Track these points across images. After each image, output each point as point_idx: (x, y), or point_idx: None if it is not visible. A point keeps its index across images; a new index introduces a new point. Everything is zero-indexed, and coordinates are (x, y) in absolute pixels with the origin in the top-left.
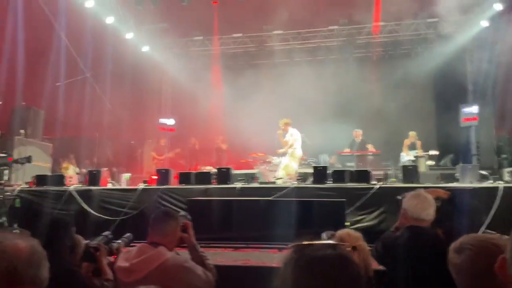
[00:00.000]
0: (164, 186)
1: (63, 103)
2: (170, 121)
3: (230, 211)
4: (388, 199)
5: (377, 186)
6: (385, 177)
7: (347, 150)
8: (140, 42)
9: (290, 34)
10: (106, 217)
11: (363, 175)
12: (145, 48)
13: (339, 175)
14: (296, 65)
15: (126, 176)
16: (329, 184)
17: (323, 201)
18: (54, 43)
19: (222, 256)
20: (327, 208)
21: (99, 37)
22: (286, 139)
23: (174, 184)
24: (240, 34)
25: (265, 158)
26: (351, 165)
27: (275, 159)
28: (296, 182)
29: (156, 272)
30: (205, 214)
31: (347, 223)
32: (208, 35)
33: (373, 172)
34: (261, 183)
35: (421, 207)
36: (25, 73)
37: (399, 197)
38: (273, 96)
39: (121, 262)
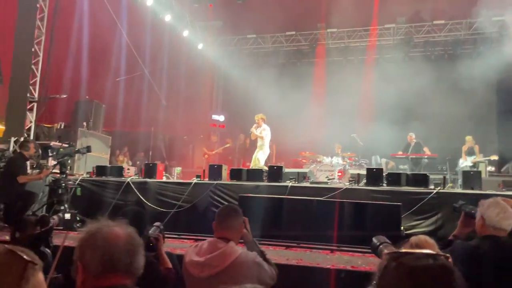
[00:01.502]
0: (217, 181)
1: (122, 97)
2: (221, 118)
3: (281, 209)
4: (447, 205)
5: (435, 191)
6: (444, 182)
7: (401, 152)
8: (195, 39)
9: (345, 32)
10: (161, 209)
11: (420, 179)
12: (200, 46)
13: (394, 178)
14: (350, 64)
15: (177, 169)
16: (384, 186)
17: (377, 204)
18: (115, 40)
19: (273, 254)
20: (381, 211)
21: (156, 34)
22: (258, 133)
23: (225, 179)
24: (293, 32)
25: (316, 157)
26: (404, 168)
27: (325, 159)
28: (348, 183)
29: (231, 267)
30: (256, 211)
31: (402, 228)
32: (261, 33)
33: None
34: (312, 182)
35: (503, 216)
36: (89, 69)
37: (456, 205)
38: (324, 95)
39: (193, 257)
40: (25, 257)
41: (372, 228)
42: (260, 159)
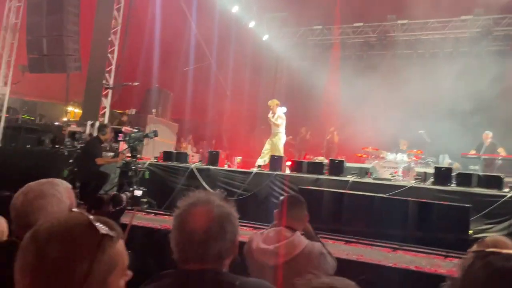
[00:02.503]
0: (277, 172)
1: (189, 87)
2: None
3: (341, 204)
4: None
5: (510, 194)
6: None
7: (473, 152)
8: (261, 30)
9: (417, 24)
10: None
11: (493, 181)
12: (265, 37)
13: (464, 178)
14: (420, 57)
15: (238, 159)
16: (453, 187)
17: (445, 204)
18: (185, 31)
19: (332, 248)
20: (448, 212)
21: (224, 25)
22: (274, 120)
23: (285, 171)
24: (361, 24)
25: (379, 153)
26: (475, 169)
27: (389, 155)
28: (413, 181)
29: (298, 257)
30: (316, 204)
31: (470, 231)
32: (327, 24)
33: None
34: (375, 178)
35: None
36: (159, 58)
37: None
38: (391, 90)
39: (260, 244)
40: (101, 229)
41: (438, 229)
42: (280, 148)
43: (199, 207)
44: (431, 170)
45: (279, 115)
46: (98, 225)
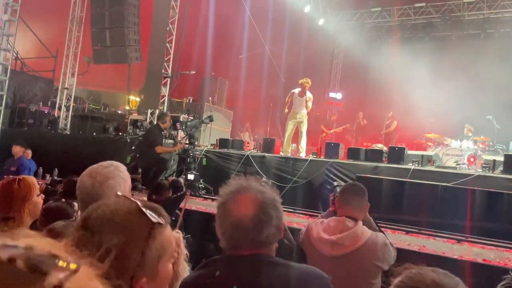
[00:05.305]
0: (333, 160)
1: (244, 74)
2: (338, 95)
3: (401, 193)
4: None
5: None
6: None
7: None
8: (316, 15)
9: (486, 2)
10: (278, 183)
11: None
12: (321, 21)
13: None
14: (489, 38)
15: (292, 146)
16: None
17: None
18: (239, 18)
19: (393, 238)
20: None
21: (278, 11)
22: (307, 100)
23: (342, 158)
24: (423, 4)
25: (442, 140)
26: None
27: (454, 142)
28: (480, 170)
29: (362, 248)
30: (374, 193)
31: None
32: (386, 6)
33: None
34: (438, 167)
35: None
36: (214, 46)
37: None
38: (456, 72)
39: (322, 234)
40: (152, 217)
41: (508, 220)
42: (305, 140)
43: (242, 195)
44: (500, 158)
45: (309, 97)
46: (149, 212)
